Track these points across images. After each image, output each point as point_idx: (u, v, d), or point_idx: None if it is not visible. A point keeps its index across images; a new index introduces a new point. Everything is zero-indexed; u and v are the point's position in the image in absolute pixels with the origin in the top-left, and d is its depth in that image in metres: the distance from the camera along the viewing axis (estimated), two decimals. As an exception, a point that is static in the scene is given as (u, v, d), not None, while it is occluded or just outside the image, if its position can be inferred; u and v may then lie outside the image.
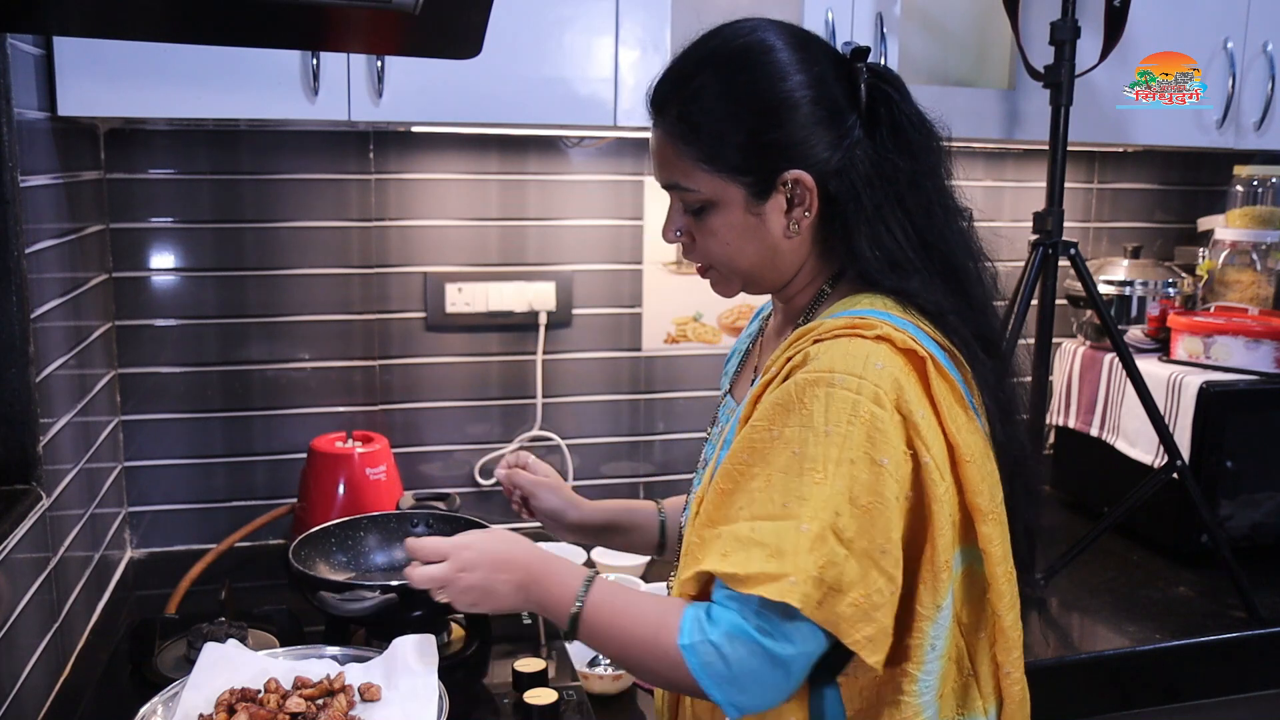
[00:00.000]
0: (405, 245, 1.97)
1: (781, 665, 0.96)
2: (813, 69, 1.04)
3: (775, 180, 1.04)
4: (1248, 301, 2.10)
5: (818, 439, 0.96)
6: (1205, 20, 1.95)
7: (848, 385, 0.96)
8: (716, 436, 1.21)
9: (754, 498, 0.97)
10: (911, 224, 1.05)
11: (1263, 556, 1.93)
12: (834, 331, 1.00)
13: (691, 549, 1.02)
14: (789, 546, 0.94)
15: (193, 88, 1.53)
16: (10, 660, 1.23)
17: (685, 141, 1.05)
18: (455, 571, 1.08)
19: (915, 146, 1.06)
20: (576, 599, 1.04)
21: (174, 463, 1.92)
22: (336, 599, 1.34)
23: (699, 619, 0.98)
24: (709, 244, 1.09)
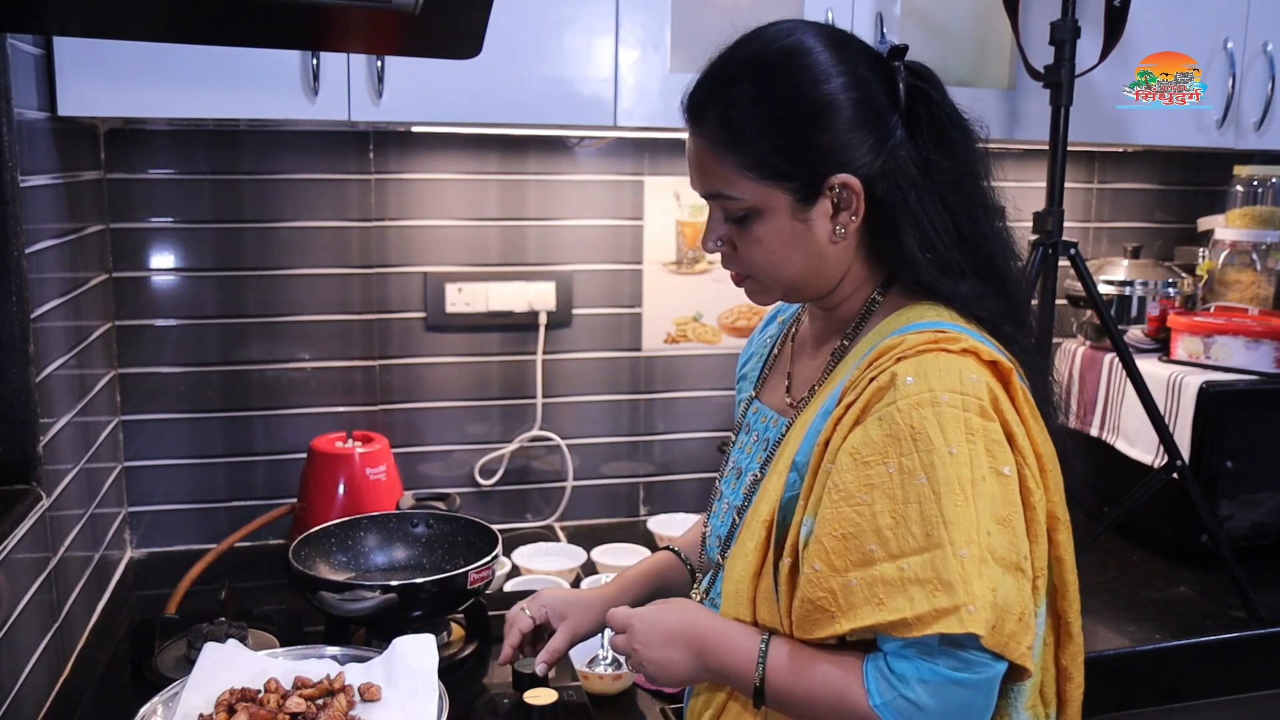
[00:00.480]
0: (405, 245, 1.97)
1: (982, 691, 0.94)
2: (854, 70, 1.02)
3: (822, 185, 1.02)
4: (1248, 301, 2.10)
5: (945, 461, 0.93)
6: (1205, 20, 1.95)
7: (953, 403, 0.95)
8: (752, 445, 1.18)
9: (887, 536, 0.94)
10: (956, 225, 1.04)
11: (1263, 556, 1.93)
12: (918, 348, 0.98)
13: (821, 603, 0.96)
14: (954, 576, 0.91)
15: (193, 88, 1.53)
16: (10, 660, 1.23)
17: (728, 149, 1.02)
18: (631, 646, 1.08)
19: (955, 145, 1.05)
20: (758, 667, 1.01)
21: (174, 463, 1.92)
22: (336, 599, 1.34)
23: (884, 675, 0.94)
24: (753, 252, 1.06)
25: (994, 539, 0.93)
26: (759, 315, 2.15)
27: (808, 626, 0.98)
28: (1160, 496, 1.77)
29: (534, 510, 2.13)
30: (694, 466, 2.18)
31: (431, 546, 1.62)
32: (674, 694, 1.45)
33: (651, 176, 2.06)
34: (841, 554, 0.95)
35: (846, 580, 0.95)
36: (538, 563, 1.84)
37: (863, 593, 0.94)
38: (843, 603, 0.95)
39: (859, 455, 0.96)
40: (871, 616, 0.93)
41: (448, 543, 1.61)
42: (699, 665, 1.06)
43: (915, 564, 0.92)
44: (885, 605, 0.92)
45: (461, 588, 1.42)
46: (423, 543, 1.62)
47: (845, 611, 0.95)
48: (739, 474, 1.18)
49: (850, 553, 0.95)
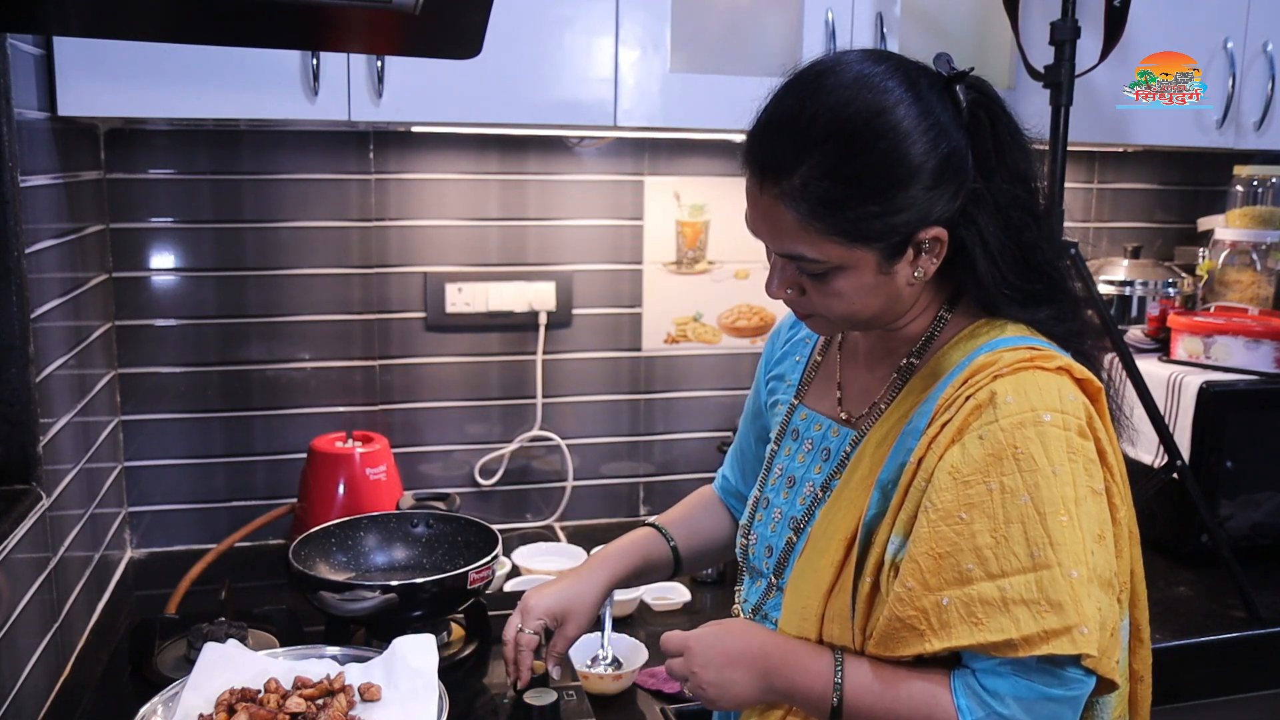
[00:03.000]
0: (405, 245, 1.97)
1: (1074, 706, 0.95)
2: (934, 120, 0.97)
3: (910, 241, 1.00)
4: (1248, 301, 2.10)
5: (1049, 481, 0.93)
6: (1205, 20, 1.95)
7: (1055, 422, 0.94)
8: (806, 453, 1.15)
9: (986, 556, 0.93)
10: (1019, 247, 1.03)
11: (1263, 556, 1.93)
12: (1014, 365, 0.97)
13: (910, 622, 0.95)
14: (1064, 597, 0.91)
15: (193, 88, 1.53)
16: (10, 660, 1.23)
17: (813, 215, 0.97)
18: (690, 669, 1.06)
19: (1017, 162, 1.03)
20: (834, 689, 0.99)
21: (174, 463, 1.92)
22: (336, 599, 1.34)
23: (976, 692, 0.94)
24: (830, 302, 1.03)
25: (1096, 557, 0.94)
26: (759, 315, 2.16)
27: (891, 645, 0.97)
28: (1160, 496, 1.77)
29: (534, 510, 2.13)
30: (694, 466, 2.18)
31: (431, 546, 1.62)
32: (674, 694, 1.45)
33: (651, 176, 2.06)
34: (936, 572, 0.94)
35: (939, 599, 0.94)
36: (538, 563, 1.84)
37: (957, 612, 0.93)
38: (935, 621, 0.94)
39: (958, 474, 0.95)
40: (969, 636, 0.92)
41: (448, 543, 1.61)
42: (764, 686, 1.04)
43: (1019, 584, 0.92)
44: (984, 625, 0.92)
45: (461, 588, 1.42)
46: (423, 543, 1.62)
47: (937, 630, 0.94)
48: (792, 483, 1.16)
49: (945, 571, 0.94)
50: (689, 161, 2.07)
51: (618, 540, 1.34)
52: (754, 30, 1.82)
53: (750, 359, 2.18)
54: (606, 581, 1.27)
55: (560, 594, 1.26)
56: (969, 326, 1.06)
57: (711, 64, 1.80)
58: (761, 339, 2.18)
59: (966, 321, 1.07)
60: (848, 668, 1.00)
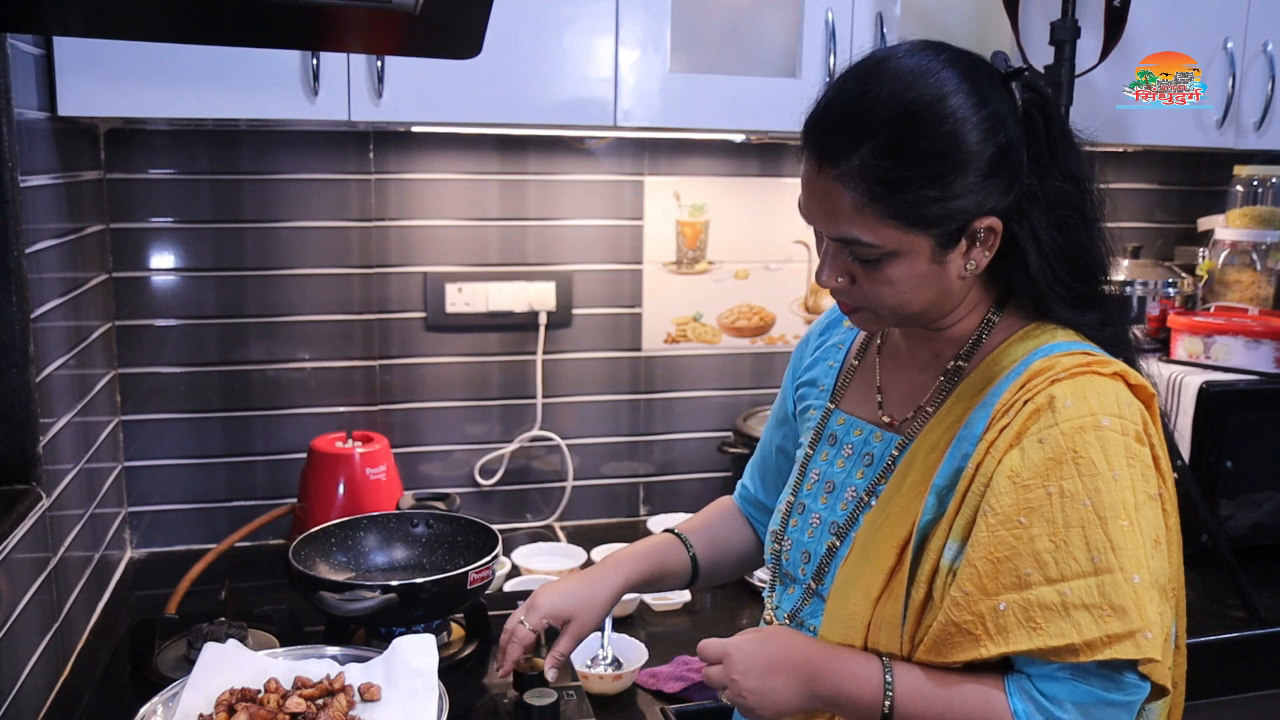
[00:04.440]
0: (405, 245, 1.97)
1: (1130, 710, 0.95)
2: (992, 109, 0.98)
3: (966, 230, 1.00)
4: (1248, 301, 2.10)
5: (1109, 486, 0.93)
6: (1205, 20, 1.95)
7: (1114, 427, 0.95)
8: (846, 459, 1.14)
9: (1045, 560, 0.93)
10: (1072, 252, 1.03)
11: (1263, 556, 1.93)
12: (1071, 370, 0.97)
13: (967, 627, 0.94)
14: (1127, 601, 0.91)
15: (193, 88, 1.53)
16: (10, 660, 1.23)
17: (871, 198, 0.97)
18: (730, 676, 1.04)
19: (1069, 162, 1.03)
20: (885, 695, 0.98)
21: (174, 463, 1.92)
22: (336, 599, 1.34)
23: (1032, 697, 0.94)
24: (880, 291, 1.02)
25: (1155, 561, 0.95)
26: (759, 315, 2.16)
27: (944, 650, 0.96)
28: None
29: (534, 510, 2.13)
30: (694, 466, 2.18)
31: (431, 546, 1.62)
32: (674, 694, 1.45)
33: (651, 176, 2.06)
34: (993, 577, 0.94)
35: (996, 604, 0.94)
36: (538, 563, 1.84)
37: (1015, 617, 0.93)
38: (991, 626, 0.94)
39: (1018, 478, 0.95)
40: (1026, 641, 0.92)
41: (448, 543, 1.61)
42: (807, 694, 1.03)
43: (1079, 588, 0.92)
44: (1044, 630, 0.92)
45: (461, 588, 1.42)
46: (423, 543, 1.62)
47: (993, 635, 0.94)
48: (831, 488, 1.14)
49: (1003, 576, 0.94)
50: (689, 161, 2.07)
51: (636, 543, 1.33)
52: (754, 30, 1.82)
53: (750, 359, 2.18)
54: (618, 586, 1.26)
55: (568, 596, 1.24)
56: (1020, 330, 1.06)
57: (711, 64, 1.80)
58: (761, 339, 2.18)
59: (1016, 325, 1.06)
60: (897, 673, 0.99)
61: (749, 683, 1.04)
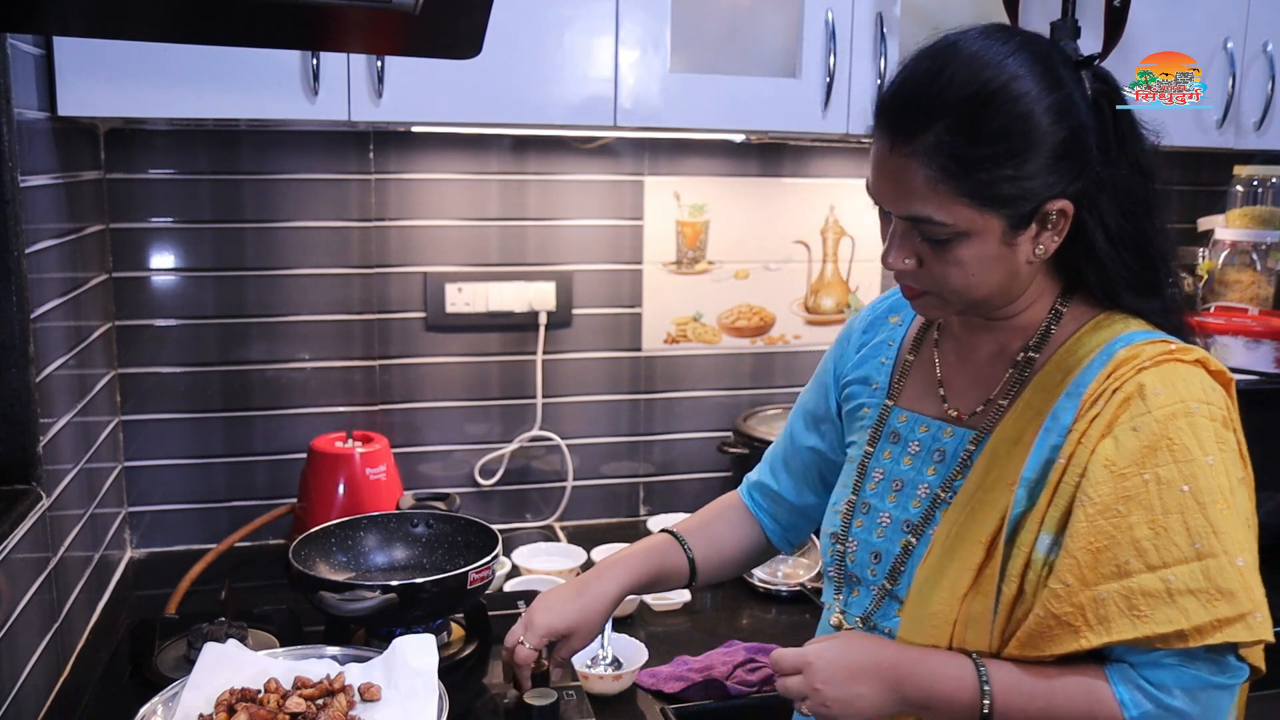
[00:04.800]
0: (405, 245, 1.97)
1: (1234, 693, 0.96)
2: (1063, 92, 0.99)
3: (1038, 211, 1.00)
4: (1248, 301, 2.10)
5: (1205, 471, 0.94)
6: (1205, 20, 1.95)
7: (1203, 413, 0.96)
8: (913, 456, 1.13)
9: (1145, 548, 0.93)
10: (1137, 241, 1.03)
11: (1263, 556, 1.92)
12: (1156, 359, 0.98)
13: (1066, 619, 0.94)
14: (1235, 584, 0.91)
15: (193, 88, 1.53)
16: (10, 660, 1.23)
17: (945, 175, 0.97)
18: (811, 686, 1.02)
19: (1139, 156, 1.04)
20: (983, 695, 0.97)
21: (174, 463, 1.92)
22: (337, 599, 1.34)
23: (1139, 685, 0.94)
24: (949, 272, 1.01)
25: (1251, 541, 0.95)
26: (759, 315, 2.16)
27: (1040, 644, 0.96)
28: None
29: (534, 510, 2.13)
30: (694, 466, 2.18)
31: (432, 546, 1.62)
32: (674, 694, 1.45)
33: (651, 176, 2.06)
34: (1094, 567, 0.94)
35: (1096, 594, 0.93)
36: (538, 563, 1.84)
37: (1116, 606, 0.93)
38: (1091, 617, 0.93)
39: (1114, 467, 0.95)
40: (1130, 630, 0.92)
41: (448, 543, 1.61)
42: (895, 699, 1.01)
43: (1183, 574, 0.92)
44: (1149, 618, 0.92)
45: (462, 588, 1.42)
46: (423, 543, 1.62)
47: (1094, 626, 0.93)
48: (899, 486, 1.13)
49: (1103, 565, 0.94)
50: (689, 161, 2.07)
51: (633, 546, 1.32)
52: (754, 30, 1.82)
53: (750, 359, 2.18)
54: (615, 595, 1.25)
55: (565, 613, 1.23)
56: (1091, 319, 1.06)
57: (711, 64, 1.80)
58: (761, 339, 2.18)
59: (1086, 314, 1.06)
60: (992, 670, 0.98)
61: (832, 691, 1.01)
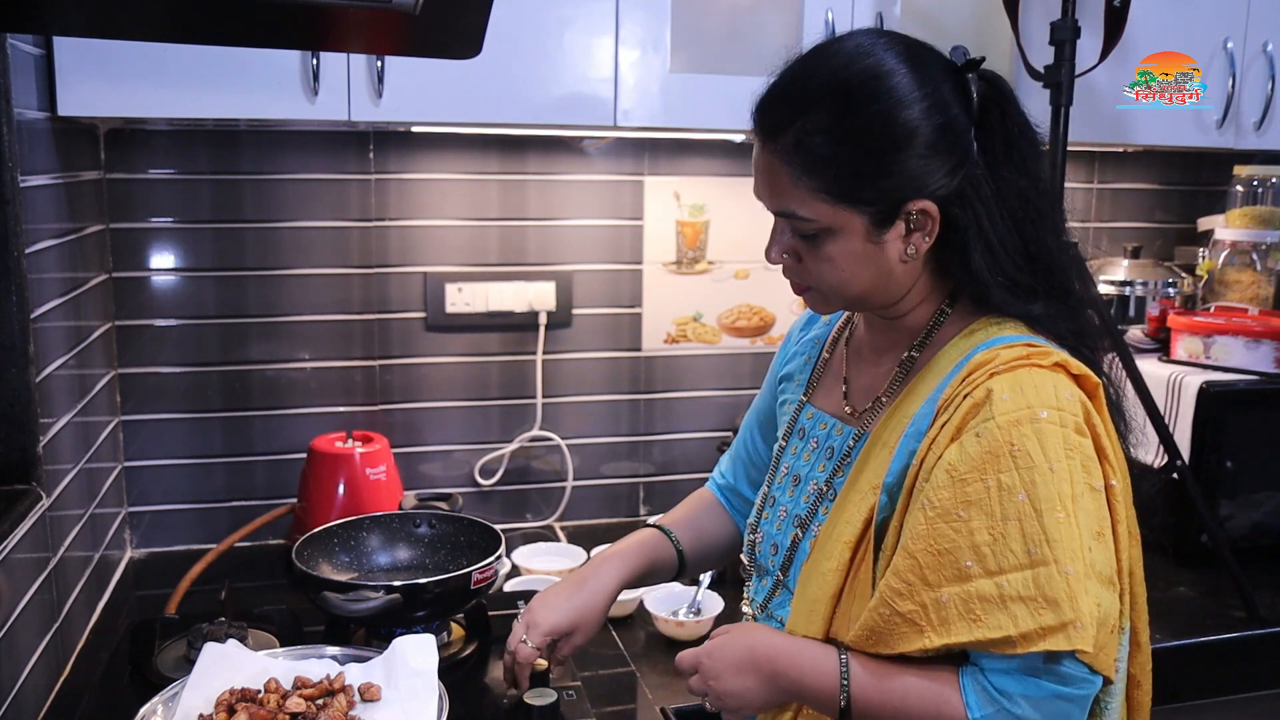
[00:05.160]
0: (405, 245, 1.97)
1: (1083, 705, 0.95)
2: (934, 91, 1.00)
3: (900, 210, 1.01)
4: (1248, 301, 2.10)
5: (1045, 479, 0.93)
6: (1205, 20, 1.95)
7: (1051, 419, 0.95)
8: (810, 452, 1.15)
9: (984, 553, 0.93)
10: (1023, 242, 1.03)
11: (1263, 556, 1.93)
12: (1012, 363, 0.98)
13: (911, 617, 0.95)
14: (1060, 593, 0.91)
15: (193, 88, 1.53)
16: (10, 660, 1.23)
17: (805, 172, 1.00)
18: (706, 683, 1.07)
19: (1026, 158, 1.04)
20: (841, 687, 0.99)
21: (174, 463, 1.92)
22: (340, 599, 1.34)
23: (985, 690, 0.94)
24: (821, 269, 1.05)
25: (1093, 554, 0.94)
26: (759, 315, 2.16)
27: (890, 640, 0.97)
28: (1160, 496, 1.77)
29: (534, 510, 2.13)
30: (694, 466, 2.18)
31: (434, 547, 1.62)
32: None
33: (651, 176, 2.06)
34: (936, 569, 0.94)
35: (939, 596, 0.94)
36: (538, 563, 1.84)
37: (956, 609, 0.93)
38: (934, 618, 0.94)
39: (956, 472, 0.95)
40: (967, 633, 0.93)
41: (450, 543, 1.62)
42: (774, 688, 1.04)
43: (1016, 581, 0.92)
44: (983, 622, 0.92)
45: (465, 588, 1.42)
46: (425, 543, 1.62)
47: (936, 627, 0.94)
48: (798, 481, 1.16)
49: (945, 569, 0.94)
50: (689, 161, 2.07)
51: (623, 541, 1.33)
52: (754, 30, 1.82)
53: (750, 359, 2.18)
54: (613, 590, 1.27)
55: (566, 612, 1.24)
56: (970, 324, 1.06)
57: (711, 64, 1.80)
58: (761, 339, 2.18)
59: (968, 319, 1.07)
60: (853, 665, 1.00)
61: (722, 686, 1.05)
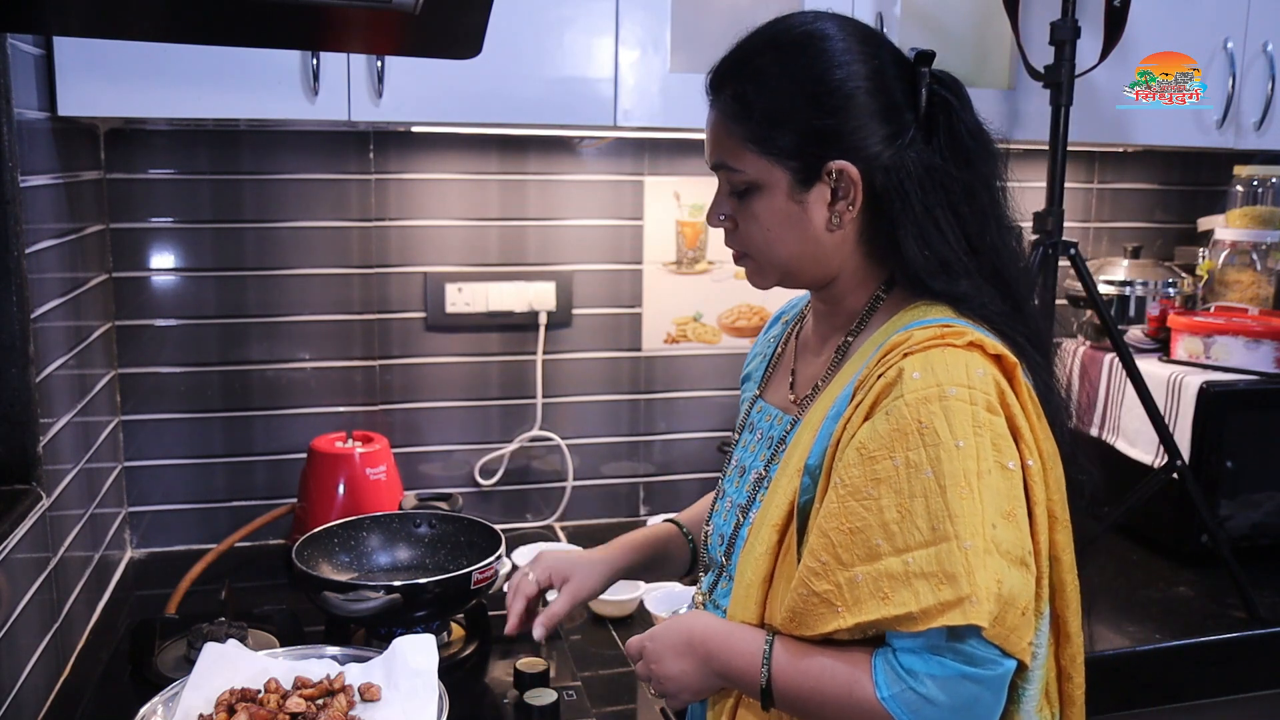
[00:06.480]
0: (405, 245, 1.97)
1: (992, 688, 0.94)
2: (872, 62, 1.03)
3: (820, 169, 1.03)
4: (1248, 301, 2.10)
5: (950, 455, 0.93)
6: (1205, 20, 1.95)
7: (960, 396, 0.94)
8: (755, 443, 1.17)
9: (893, 531, 0.93)
10: (963, 230, 1.04)
11: (1263, 556, 1.93)
12: (925, 343, 0.98)
13: (827, 596, 0.96)
14: (958, 569, 0.91)
15: (193, 88, 1.53)
16: (10, 660, 1.23)
17: (736, 120, 1.05)
18: (648, 668, 1.09)
19: (973, 156, 1.05)
20: (762, 668, 1.00)
21: (174, 463, 1.92)
22: (341, 599, 1.35)
23: (893, 668, 0.94)
24: (750, 229, 1.08)
25: (999, 532, 0.93)
26: (759, 315, 2.16)
27: (810, 622, 0.97)
28: (1160, 496, 1.77)
29: (534, 510, 2.13)
30: (694, 466, 2.18)
31: (435, 547, 1.62)
32: None
33: (651, 176, 2.06)
34: (849, 548, 0.95)
35: (852, 575, 0.94)
36: (538, 563, 1.84)
37: (868, 587, 0.94)
38: (848, 597, 0.95)
39: (865, 450, 0.96)
40: (876, 611, 0.93)
41: (451, 543, 1.62)
42: (708, 672, 1.05)
43: (921, 558, 0.92)
44: (890, 600, 0.92)
45: (465, 588, 1.42)
46: (426, 543, 1.63)
47: (850, 606, 0.94)
48: (742, 472, 1.17)
49: (857, 547, 0.95)
50: (689, 161, 2.07)
51: (639, 530, 1.37)
52: (754, 30, 1.82)
53: (750, 359, 2.18)
54: (622, 564, 1.30)
55: (571, 559, 1.30)
56: (902, 309, 1.07)
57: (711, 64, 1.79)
58: (761, 339, 2.18)
59: (901, 304, 1.08)
60: (776, 647, 1.01)
61: (662, 670, 1.08)
